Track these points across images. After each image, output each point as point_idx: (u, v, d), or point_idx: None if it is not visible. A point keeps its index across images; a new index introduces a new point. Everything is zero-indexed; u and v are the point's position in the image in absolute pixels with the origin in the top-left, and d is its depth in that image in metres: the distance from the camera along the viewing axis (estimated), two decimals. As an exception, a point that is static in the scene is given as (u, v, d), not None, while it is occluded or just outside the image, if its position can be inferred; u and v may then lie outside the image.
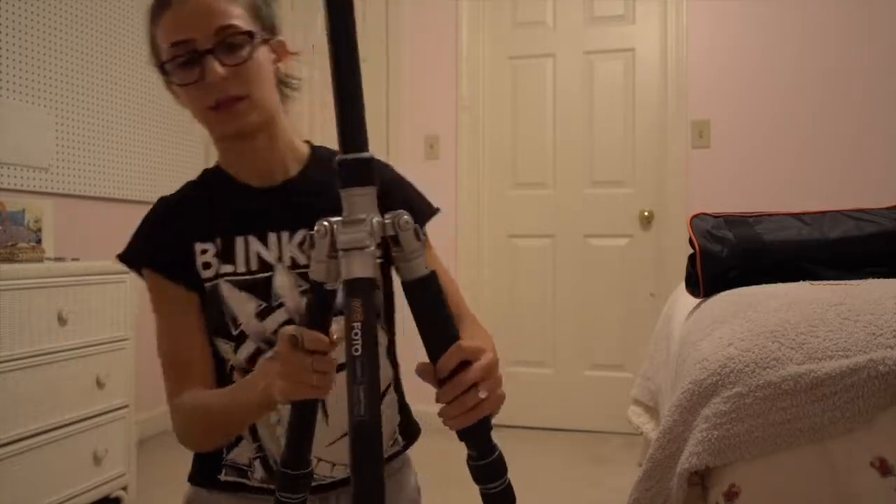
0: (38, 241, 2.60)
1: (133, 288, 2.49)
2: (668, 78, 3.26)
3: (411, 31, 3.56)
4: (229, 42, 0.92)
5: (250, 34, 0.94)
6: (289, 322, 1.00)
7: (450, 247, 3.38)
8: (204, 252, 1.01)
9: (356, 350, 0.65)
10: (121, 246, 1.06)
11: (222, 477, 1.05)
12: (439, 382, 0.74)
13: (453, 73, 3.52)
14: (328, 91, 0.69)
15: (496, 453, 0.75)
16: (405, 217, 0.71)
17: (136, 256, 1.04)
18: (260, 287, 1.00)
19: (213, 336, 1.02)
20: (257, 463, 1.03)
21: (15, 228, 2.54)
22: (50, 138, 2.79)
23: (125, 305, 2.48)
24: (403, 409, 1.15)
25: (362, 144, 0.67)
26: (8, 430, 2.03)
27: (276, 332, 0.99)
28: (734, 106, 3.20)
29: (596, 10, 3.39)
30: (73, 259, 2.50)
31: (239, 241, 1.01)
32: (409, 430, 1.16)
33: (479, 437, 0.74)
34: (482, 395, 0.73)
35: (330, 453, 1.03)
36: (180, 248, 1.01)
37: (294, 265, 1.02)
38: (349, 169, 0.67)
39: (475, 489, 0.76)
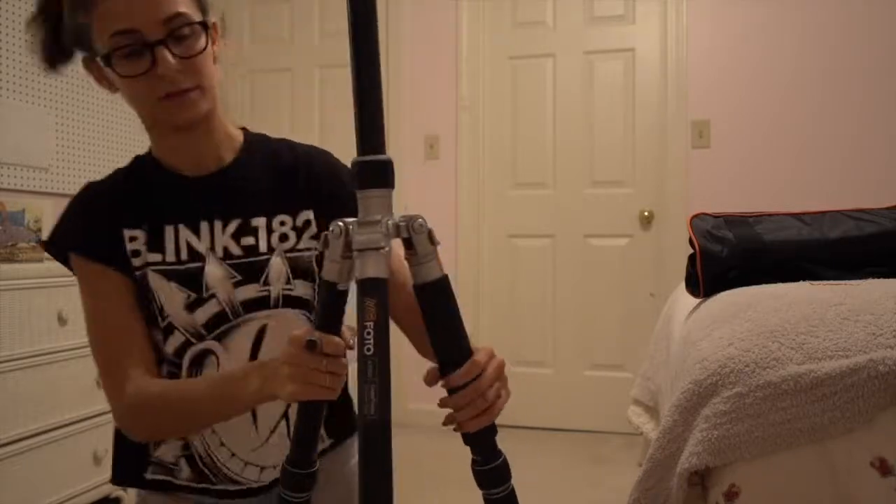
0: (38, 241, 2.60)
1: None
2: (668, 78, 3.26)
3: (411, 31, 3.55)
4: (180, 33, 0.89)
5: (203, 24, 0.92)
6: (221, 314, 0.98)
7: (450, 247, 3.38)
8: (133, 239, 0.97)
9: (368, 349, 0.65)
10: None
11: (148, 475, 1.03)
12: (450, 390, 0.75)
13: (453, 73, 3.51)
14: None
15: (501, 458, 0.75)
16: (420, 220, 0.72)
17: (63, 241, 0.99)
18: (190, 278, 0.97)
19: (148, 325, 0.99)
20: (183, 461, 1.02)
21: (15, 228, 2.54)
22: (50, 138, 2.79)
23: (125, 305, 2.47)
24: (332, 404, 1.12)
25: (380, 147, 0.68)
26: (8, 430, 2.03)
27: (206, 324, 0.98)
28: (734, 106, 3.19)
29: (596, 10, 3.39)
30: (73, 259, 2.50)
31: (168, 229, 0.98)
32: (337, 428, 1.12)
33: (484, 443, 0.75)
34: (494, 396, 0.75)
35: (258, 457, 1.03)
36: (109, 233, 0.97)
37: (227, 256, 0.99)
38: (366, 170, 0.68)
39: (475, 490, 0.77)
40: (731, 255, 1.49)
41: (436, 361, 0.77)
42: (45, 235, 2.66)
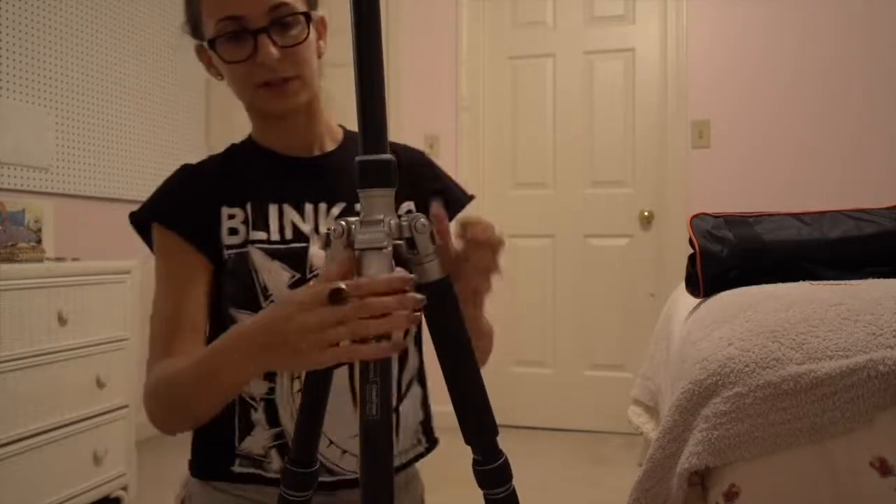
0: (38, 241, 2.60)
1: (133, 288, 2.49)
2: (668, 78, 3.26)
3: (411, 31, 3.56)
4: (283, 22, 0.90)
5: (306, 15, 0.92)
6: None
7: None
8: (231, 217, 0.96)
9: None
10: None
11: (236, 468, 0.96)
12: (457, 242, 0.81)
13: (453, 73, 3.52)
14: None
15: (502, 458, 0.75)
16: (422, 220, 0.71)
17: (151, 211, 0.98)
18: (294, 257, 0.96)
19: (233, 308, 0.94)
20: (274, 452, 0.96)
21: (15, 228, 2.54)
22: (50, 138, 2.79)
23: (125, 305, 2.48)
24: (426, 406, 1.08)
25: (383, 146, 0.68)
26: (8, 430, 2.03)
27: None
28: (734, 106, 3.20)
29: (596, 10, 3.39)
30: (73, 259, 2.50)
31: (272, 208, 0.97)
32: (431, 432, 1.09)
33: (486, 442, 0.75)
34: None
35: (357, 445, 0.96)
36: (203, 210, 0.96)
37: None
38: (369, 170, 0.69)
39: (475, 490, 0.77)
40: (731, 255, 1.49)
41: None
42: (45, 235, 2.66)
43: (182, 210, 0.96)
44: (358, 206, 0.81)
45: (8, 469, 2.02)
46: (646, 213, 3.32)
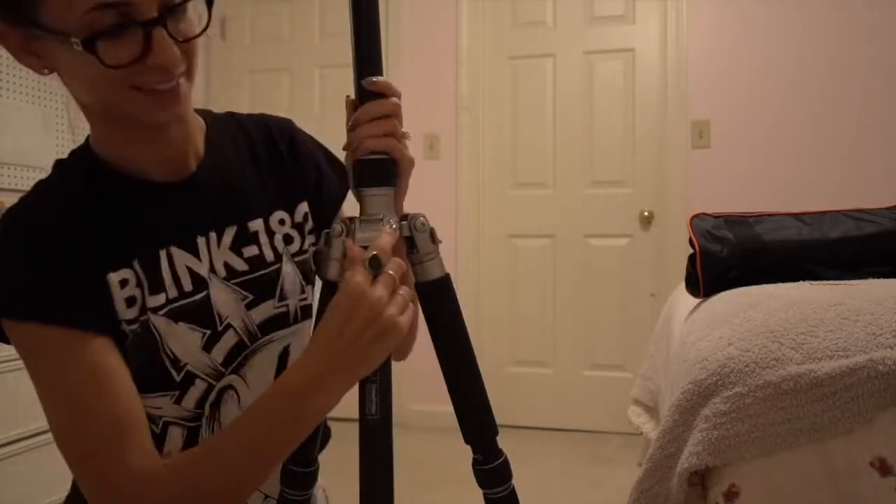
0: None
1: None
2: (668, 78, 3.26)
3: (411, 31, 3.55)
4: (178, 7, 0.68)
5: None
6: (239, 345, 0.80)
7: (450, 247, 3.38)
8: (123, 284, 0.74)
9: None
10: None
11: None
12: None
13: (453, 73, 3.51)
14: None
15: (501, 458, 0.75)
16: (421, 218, 0.72)
17: (8, 308, 0.70)
18: (199, 311, 0.78)
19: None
20: None
21: (15, 228, 2.54)
22: (50, 138, 2.79)
23: (125, 305, 2.47)
24: None
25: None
26: (8, 430, 2.03)
27: (224, 360, 0.79)
28: (734, 106, 3.19)
29: (596, 10, 3.39)
30: (73, 259, 2.50)
31: (162, 256, 0.77)
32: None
33: (485, 442, 0.75)
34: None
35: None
36: (84, 283, 0.71)
37: (231, 274, 0.80)
38: (367, 169, 0.70)
39: (475, 489, 0.77)
40: (731, 255, 1.49)
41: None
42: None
43: (57, 292, 0.70)
44: (252, 225, 0.82)
45: (8, 469, 2.02)
46: (646, 214, 3.32)
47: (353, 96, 0.72)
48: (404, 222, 0.72)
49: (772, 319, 1.12)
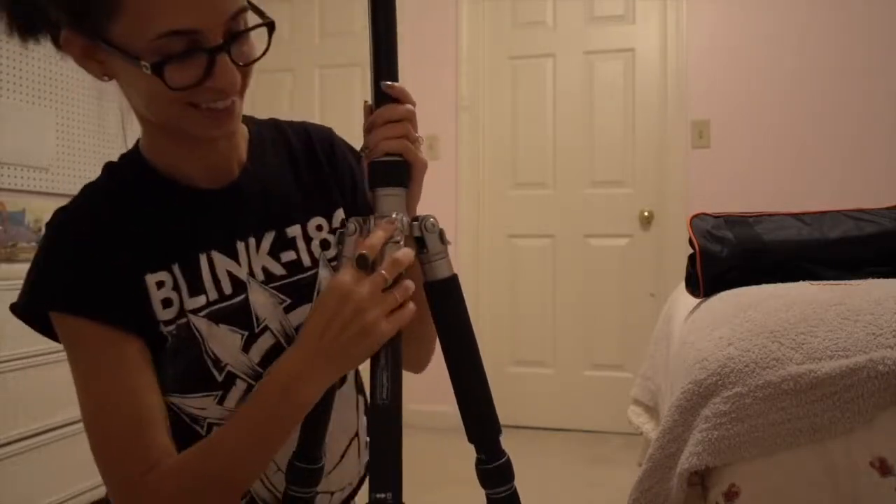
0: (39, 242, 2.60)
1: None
2: (668, 78, 3.26)
3: (411, 31, 3.56)
4: (240, 32, 0.72)
5: (271, 25, 0.75)
6: (276, 347, 0.83)
7: (450, 247, 3.37)
8: (161, 285, 0.77)
9: None
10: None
11: None
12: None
13: (453, 73, 3.52)
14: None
15: (504, 458, 0.75)
16: (431, 219, 0.75)
17: (52, 300, 0.76)
18: (239, 313, 0.81)
19: (176, 395, 0.79)
20: None
21: (15, 228, 2.54)
22: (50, 138, 2.79)
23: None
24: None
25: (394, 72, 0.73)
26: (8, 430, 2.03)
27: (261, 361, 0.82)
28: (734, 106, 3.19)
29: (596, 10, 3.39)
30: (74, 259, 2.50)
31: (202, 260, 0.80)
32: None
33: (489, 441, 0.75)
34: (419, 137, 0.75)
35: (328, 484, 0.90)
36: (125, 284, 0.76)
37: (269, 278, 0.83)
38: (381, 170, 0.73)
39: (478, 489, 0.77)
40: (730, 255, 1.49)
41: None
42: (45, 235, 2.66)
43: (98, 290, 0.75)
44: (290, 231, 0.86)
45: (8, 469, 2.02)
46: (646, 214, 3.32)
47: (368, 100, 0.75)
48: (415, 223, 0.74)
49: (772, 319, 1.12)
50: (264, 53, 0.75)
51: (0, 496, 2.00)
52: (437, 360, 0.77)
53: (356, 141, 0.84)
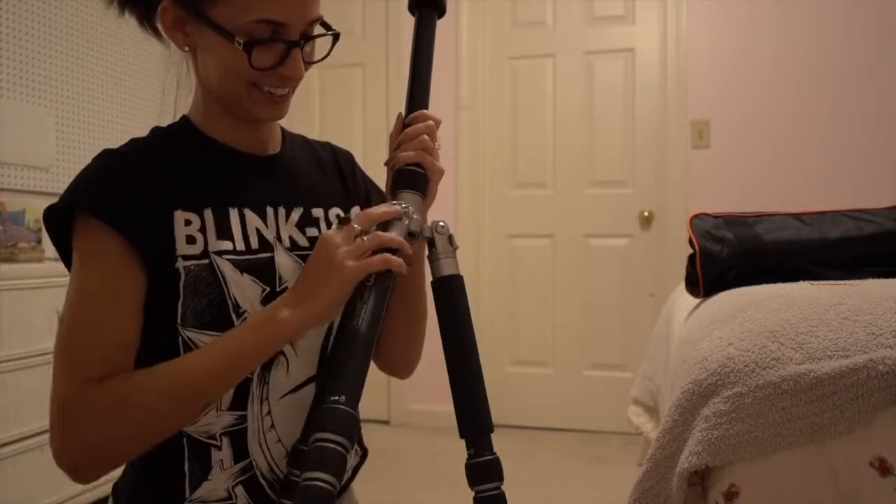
0: (38, 241, 2.60)
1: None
2: (668, 78, 3.26)
3: (411, 31, 3.55)
4: (313, 36, 0.86)
5: (337, 36, 0.89)
6: None
7: (450, 247, 3.38)
8: (188, 223, 0.83)
9: (369, 280, 0.76)
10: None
11: None
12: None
13: (453, 73, 3.52)
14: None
15: (492, 456, 0.76)
16: (441, 223, 0.84)
17: (87, 202, 0.81)
18: (263, 269, 0.86)
19: (192, 330, 0.81)
20: (240, 489, 0.85)
21: (15, 228, 2.54)
22: (50, 138, 2.79)
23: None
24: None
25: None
26: (8, 430, 2.02)
27: None
28: (734, 106, 3.20)
29: (596, 10, 3.39)
30: (73, 259, 2.50)
31: (233, 213, 0.86)
32: (362, 440, 1.00)
33: (479, 437, 0.76)
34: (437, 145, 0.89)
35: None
36: (154, 211, 0.81)
37: (294, 246, 0.90)
38: (402, 177, 0.85)
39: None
40: (730, 256, 1.49)
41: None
42: (45, 235, 2.66)
43: (128, 206, 0.80)
44: (315, 212, 0.96)
45: (8, 469, 2.02)
46: (646, 214, 3.32)
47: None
48: (427, 225, 0.82)
49: (772, 319, 1.12)
50: (325, 57, 0.91)
51: (0, 496, 2.00)
52: (438, 361, 0.78)
53: (356, 141, 0.92)
